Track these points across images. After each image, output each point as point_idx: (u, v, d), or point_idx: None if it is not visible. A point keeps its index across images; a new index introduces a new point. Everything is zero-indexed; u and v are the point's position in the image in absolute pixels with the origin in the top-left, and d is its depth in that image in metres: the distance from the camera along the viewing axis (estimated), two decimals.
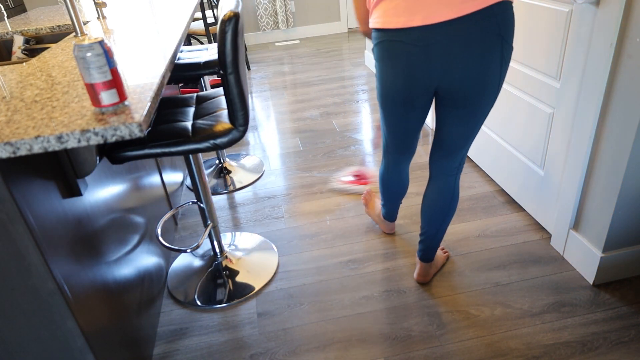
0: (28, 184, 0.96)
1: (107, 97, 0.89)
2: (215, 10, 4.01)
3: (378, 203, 2.05)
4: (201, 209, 1.79)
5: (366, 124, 3.07)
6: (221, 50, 1.33)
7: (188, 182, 2.55)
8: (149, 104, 0.92)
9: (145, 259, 1.62)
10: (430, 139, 2.78)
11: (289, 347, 1.53)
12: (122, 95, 0.91)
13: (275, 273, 1.85)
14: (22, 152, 0.82)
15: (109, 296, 1.26)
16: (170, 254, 1.99)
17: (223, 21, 1.30)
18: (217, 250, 1.92)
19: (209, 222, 1.81)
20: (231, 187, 2.47)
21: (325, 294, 1.73)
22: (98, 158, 1.23)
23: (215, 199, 2.39)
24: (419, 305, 1.64)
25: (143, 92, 0.99)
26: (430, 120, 2.97)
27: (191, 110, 1.61)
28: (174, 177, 2.30)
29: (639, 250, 1.60)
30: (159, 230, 1.69)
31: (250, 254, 1.96)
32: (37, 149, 0.82)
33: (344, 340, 1.54)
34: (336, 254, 1.93)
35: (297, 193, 2.36)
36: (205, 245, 2.02)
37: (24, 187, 0.94)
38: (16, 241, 0.94)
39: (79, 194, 1.16)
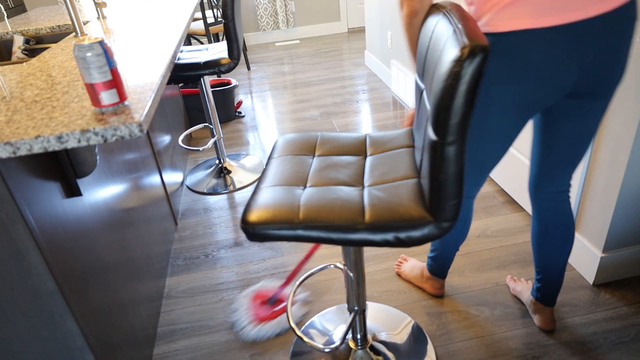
0: (28, 184, 0.96)
1: (107, 97, 0.89)
2: (215, 10, 4.01)
3: (414, 262, 1.76)
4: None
5: (366, 124, 3.07)
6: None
7: (188, 182, 2.55)
8: (149, 104, 0.92)
9: (145, 259, 1.62)
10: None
11: (288, 348, 1.53)
12: (122, 95, 0.91)
13: (274, 273, 1.85)
14: (22, 152, 0.82)
15: (109, 296, 1.26)
16: (170, 253, 1.99)
17: None
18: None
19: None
20: (231, 187, 2.47)
21: (325, 294, 1.73)
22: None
23: (215, 199, 2.39)
24: (419, 305, 1.64)
25: (143, 92, 0.99)
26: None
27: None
28: (174, 177, 2.30)
29: (639, 250, 1.60)
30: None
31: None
32: (37, 149, 0.82)
33: None
34: (336, 254, 1.92)
35: None
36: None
37: (24, 187, 0.94)
38: (16, 241, 0.94)
39: (79, 194, 1.16)
